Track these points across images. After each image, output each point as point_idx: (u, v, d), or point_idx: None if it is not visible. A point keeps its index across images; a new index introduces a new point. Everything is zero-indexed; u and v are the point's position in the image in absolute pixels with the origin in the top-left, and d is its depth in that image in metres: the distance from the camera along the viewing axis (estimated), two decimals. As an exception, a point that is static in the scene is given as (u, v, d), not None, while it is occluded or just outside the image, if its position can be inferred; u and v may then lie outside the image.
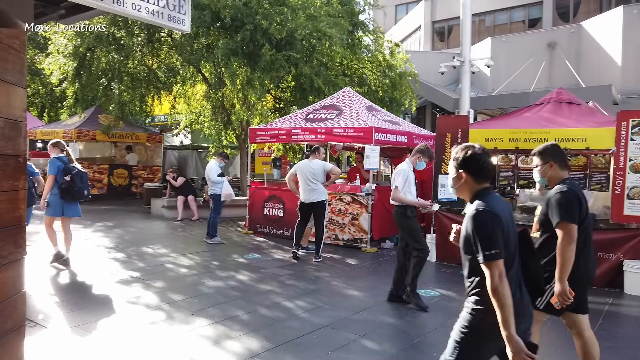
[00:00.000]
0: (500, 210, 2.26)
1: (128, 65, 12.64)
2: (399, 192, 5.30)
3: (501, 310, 2.12)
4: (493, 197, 2.34)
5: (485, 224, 2.20)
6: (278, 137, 9.49)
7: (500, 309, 2.12)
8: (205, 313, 4.83)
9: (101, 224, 10.24)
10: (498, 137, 7.44)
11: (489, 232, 2.18)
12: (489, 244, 2.15)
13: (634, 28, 17.02)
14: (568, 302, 2.99)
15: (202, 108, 13.59)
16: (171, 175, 11.98)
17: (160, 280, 6.05)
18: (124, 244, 8.30)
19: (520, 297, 2.28)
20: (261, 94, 10.76)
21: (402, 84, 13.28)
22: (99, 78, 12.90)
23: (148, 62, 13.17)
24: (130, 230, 9.74)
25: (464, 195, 2.42)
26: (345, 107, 9.21)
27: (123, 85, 12.75)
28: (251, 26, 10.25)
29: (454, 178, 2.41)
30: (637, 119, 6.23)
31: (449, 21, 25.76)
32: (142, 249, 7.93)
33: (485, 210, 2.22)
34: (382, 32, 14.16)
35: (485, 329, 2.23)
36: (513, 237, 2.30)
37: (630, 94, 16.68)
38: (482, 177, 2.36)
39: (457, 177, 2.39)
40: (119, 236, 9.03)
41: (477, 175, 2.35)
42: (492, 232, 2.17)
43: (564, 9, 22.45)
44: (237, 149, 14.09)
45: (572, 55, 18.79)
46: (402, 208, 5.39)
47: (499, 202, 2.33)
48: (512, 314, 2.11)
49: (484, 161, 2.35)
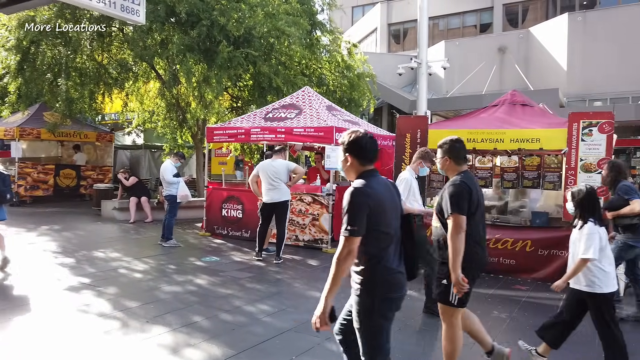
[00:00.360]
0: (378, 190, 2.44)
1: (76, 60, 12.04)
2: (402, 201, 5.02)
3: (332, 279, 2.37)
4: (375, 179, 2.50)
5: (355, 202, 2.36)
6: (236, 137, 9.27)
7: (331, 278, 2.37)
8: (162, 320, 4.60)
9: (47, 228, 9.66)
10: (456, 138, 7.55)
11: (355, 209, 2.34)
12: (352, 220, 2.33)
13: (578, 34, 17.90)
14: (465, 290, 3.12)
15: (155, 106, 13.14)
16: (123, 175, 11.49)
17: (112, 286, 5.73)
18: (73, 248, 7.85)
19: (398, 269, 2.50)
20: (218, 92, 10.49)
21: (360, 85, 13.34)
22: (44, 73, 12.21)
23: (98, 57, 12.59)
24: (79, 234, 9.24)
25: (350, 177, 2.57)
26: (305, 106, 9.11)
27: (71, 81, 12.13)
28: (208, 22, 9.98)
29: (342, 161, 2.58)
30: (587, 120, 6.48)
31: (404, 24, 26.20)
32: (92, 253, 7.52)
33: (359, 189, 2.39)
34: (341, 33, 14.17)
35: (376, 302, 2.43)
36: (392, 217, 2.49)
37: (575, 97, 17.53)
38: (366, 160, 2.52)
39: (344, 160, 2.56)
40: (66, 240, 8.54)
41: (361, 157, 2.52)
42: (358, 209, 2.34)
43: (513, 15, 23.33)
44: (193, 148, 13.72)
45: (521, 60, 19.54)
46: None
47: (379, 184, 2.50)
48: (337, 286, 2.37)
49: (368, 145, 2.52)
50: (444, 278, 3.23)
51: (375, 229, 2.40)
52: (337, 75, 13.24)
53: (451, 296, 3.20)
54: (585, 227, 3.52)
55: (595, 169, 6.40)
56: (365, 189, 2.39)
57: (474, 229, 3.21)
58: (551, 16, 21.07)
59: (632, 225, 5.06)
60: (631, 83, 16.16)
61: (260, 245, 7.45)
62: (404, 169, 7.68)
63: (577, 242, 3.57)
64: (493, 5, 23.39)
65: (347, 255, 2.34)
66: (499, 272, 6.70)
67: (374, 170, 2.54)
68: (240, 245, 8.47)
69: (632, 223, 5.05)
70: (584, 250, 3.44)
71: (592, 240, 3.44)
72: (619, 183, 5.16)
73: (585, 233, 3.48)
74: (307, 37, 12.13)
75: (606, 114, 6.49)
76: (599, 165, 6.40)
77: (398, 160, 7.77)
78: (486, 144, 7.37)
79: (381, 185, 2.51)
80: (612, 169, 5.24)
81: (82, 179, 14.86)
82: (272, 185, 7.26)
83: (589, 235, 3.46)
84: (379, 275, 2.44)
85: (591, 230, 3.48)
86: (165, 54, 10.84)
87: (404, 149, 7.70)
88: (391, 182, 2.71)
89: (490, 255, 6.89)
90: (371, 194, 2.39)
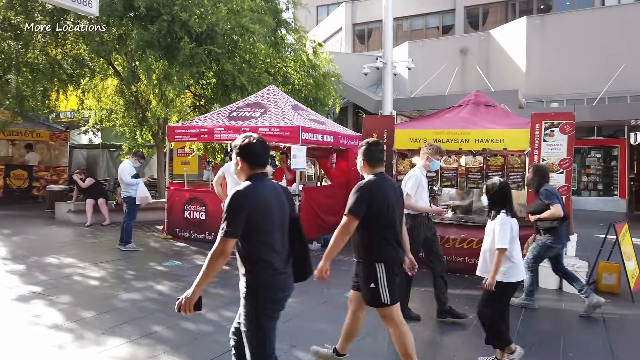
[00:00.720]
0: (263, 194, 2.54)
1: (27, 55, 11.40)
2: (411, 199, 4.76)
3: (204, 274, 2.47)
4: (262, 182, 2.61)
5: (234, 204, 2.46)
6: (199, 136, 8.99)
7: (203, 273, 2.46)
8: (119, 331, 4.34)
9: (-5, 232, 9.12)
10: (422, 138, 7.55)
11: (234, 211, 2.44)
12: (229, 221, 2.43)
13: (536, 37, 18.41)
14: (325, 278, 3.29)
15: (113, 104, 12.64)
16: (79, 176, 11.00)
17: (66, 295, 5.41)
18: (23, 254, 7.40)
19: (284, 270, 2.60)
20: (180, 90, 10.16)
21: (326, 84, 13.25)
22: (-9, 69, 11.52)
23: (51, 52, 11.96)
24: (30, 238, 8.74)
25: (241, 179, 2.67)
26: (270, 105, 8.93)
27: (21, 77, 11.47)
28: (168, 17, 9.64)
29: (234, 164, 2.69)
30: (549, 121, 6.59)
31: (369, 24, 26.32)
32: (44, 259, 7.11)
33: (240, 192, 2.48)
34: (306, 32, 14.04)
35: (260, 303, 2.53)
36: (278, 220, 2.58)
37: (534, 98, 18.03)
38: (256, 164, 2.63)
39: (236, 163, 2.67)
40: (16, 245, 8.06)
41: (250, 162, 2.63)
42: (236, 212, 2.44)
43: (474, 18, 23.81)
44: (153, 147, 13.28)
45: (483, 61, 19.94)
46: (412, 217, 4.87)
47: (266, 187, 2.61)
48: (208, 281, 2.48)
49: (258, 150, 2.63)
50: (371, 282, 3.30)
51: (259, 232, 2.51)
52: (303, 74, 13.11)
53: (383, 296, 3.28)
54: (497, 217, 3.70)
55: (557, 169, 6.52)
56: (248, 192, 2.50)
57: (383, 229, 3.29)
58: (510, 19, 21.61)
59: (552, 228, 5.38)
60: (586, 85, 16.72)
61: (227, 250, 7.22)
62: (370, 169, 7.64)
63: (491, 233, 3.73)
64: (455, 7, 23.79)
65: (219, 255, 2.44)
66: (465, 272, 6.73)
67: (263, 174, 2.66)
68: (204, 249, 8.21)
69: (552, 226, 5.37)
70: (499, 240, 3.61)
71: (505, 230, 3.62)
72: (542, 187, 5.44)
73: (499, 223, 3.67)
74: (272, 36, 11.94)
75: (567, 114, 6.62)
76: (561, 165, 6.52)
77: (365, 160, 7.70)
78: (451, 144, 7.41)
79: (268, 189, 2.62)
80: (537, 173, 5.53)
81: (35, 179, 14.18)
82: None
83: (502, 225, 3.67)
84: (262, 276, 2.54)
85: (503, 221, 3.66)
86: (123, 50, 10.41)
87: (371, 149, 7.63)
88: (281, 186, 2.82)
89: (456, 255, 6.98)
90: (254, 197, 2.49)
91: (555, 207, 5.23)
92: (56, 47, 11.83)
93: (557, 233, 5.37)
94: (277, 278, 2.57)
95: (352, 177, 9.78)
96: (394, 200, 3.37)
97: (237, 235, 2.45)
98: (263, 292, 2.55)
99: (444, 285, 4.96)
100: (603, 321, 5.09)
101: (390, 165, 7.61)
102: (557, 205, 5.25)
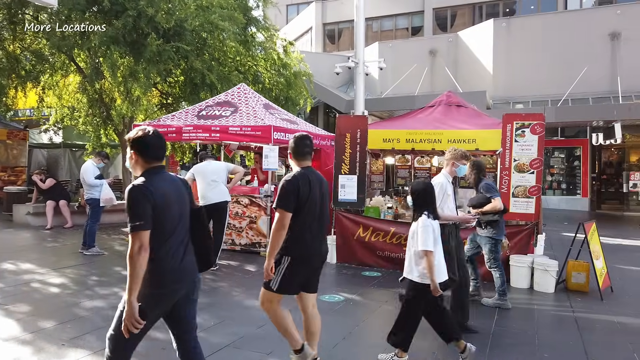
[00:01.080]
0: (160, 187, 2.50)
1: (-18, 49, 10.82)
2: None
3: (131, 278, 2.38)
4: (159, 176, 2.57)
5: (135, 198, 2.41)
6: (167, 135, 8.64)
7: (130, 277, 2.38)
8: (81, 342, 4.09)
9: (-54, 237, 8.59)
10: (395, 138, 7.54)
11: (136, 205, 2.40)
12: (136, 216, 2.38)
13: (502, 40, 18.78)
14: (270, 278, 3.30)
15: (76, 101, 12.14)
16: (38, 177, 10.52)
17: (24, 303, 5.08)
18: (-23, 260, 6.98)
19: (181, 264, 2.57)
20: (147, 88, 9.83)
21: (297, 84, 13.12)
22: (-57, 63, 10.88)
23: (9, 47, 11.38)
24: (-15, 243, 8.28)
25: (137, 173, 2.61)
26: (241, 104, 8.72)
27: (-24, 72, 10.89)
28: (134, 12, 9.29)
29: (128, 157, 2.63)
30: (520, 121, 6.65)
31: (339, 24, 26.32)
32: (0, 265, 6.71)
33: (137, 186, 2.45)
34: (276, 30, 13.87)
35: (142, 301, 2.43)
36: (177, 212, 2.57)
37: (500, 99, 18.39)
38: (150, 157, 2.59)
39: (130, 157, 2.61)
40: (-30, 251, 7.60)
41: (144, 155, 2.59)
42: (139, 205, 2.40)
43: (442, 20, 24.12)
44: (118, 147, 12.83)
45: (451, 63, 20.22)
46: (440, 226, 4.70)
47: (163, 180, 2.58)
48: (138, 284, 2.38)
49: (152, 143, 2.59)
50: (276, 264, 3.37)
51: (158, 226, 2.46)
52: (274, 73, 12.93)
53: (272, 282, 3.35)
54: (419, 219, 3.68)
55: (528, 169, 6.59)
56: (144, 186, 2.46)
57: (303, 225, 3.32)
58: (477, 22, 21.99)
59: (494, 222, 5.47)
60: (551, 87, 17.16)
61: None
62: (344, 169, 7.56)
63: (415, 235, 3.71)
64: (424, 9, 24.04)
65: (139, 250, 2.37)
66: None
67: (159, 167, 2.63)
68: (172, 252, 7.95)
69: (494, 219, 5.46)
70: (422, 243, 3.59)
71: (427, 232, 3.60)
72: (481, 181, 5.54)
73: (421, 226, 3.64)
74: (242, 33, 11.73)
75: (538, 115, 6.69)
76: (532, 165, 6.59)
77: (338, 160, 7.62)
78: (424, 145, 7.41)
79: (166, 182, 2.60)
80: (474, 168, 5.60)
81: (-9, 180, 13.50)
82: (210, 186, 6.84)
83: (424, 227, 3.61)
84: (155, 269, 2.49)
85: (425, 223, 3.63)
86: (86, 45, 9.98)
87: (344, 149, 7.55)
88: (180, 179, 2.82)
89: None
90: (151, 191, 2.45)
91: (496, 200, 5.34)
92: (14, 41, 11.28)
93: (497, 226, 5.48)
94: (171, 271, 2.54)
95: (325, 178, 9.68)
96: (318, 196, 3.39)
97: (148, 227, 2.40)
98: (155, 284, 2.50)
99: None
100: (575, 320, 5.15)
101: (364, 165, 7.54)
102: (498, 199, 5.36)
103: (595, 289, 6.07)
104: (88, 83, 10.90)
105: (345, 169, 7.55)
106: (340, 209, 7.54)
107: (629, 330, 4.90)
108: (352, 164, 7.53)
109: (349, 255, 7.40)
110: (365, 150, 7.57)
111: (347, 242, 7.42)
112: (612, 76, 16.68)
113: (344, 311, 5.26)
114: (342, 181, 7.51)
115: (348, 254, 7.42)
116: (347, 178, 7.52)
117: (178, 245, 2.58)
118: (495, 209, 5.33)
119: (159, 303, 2.57)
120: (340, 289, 6.08)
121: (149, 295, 2.47)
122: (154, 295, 2.51)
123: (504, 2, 22.81)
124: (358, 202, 7.50)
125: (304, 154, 3.48)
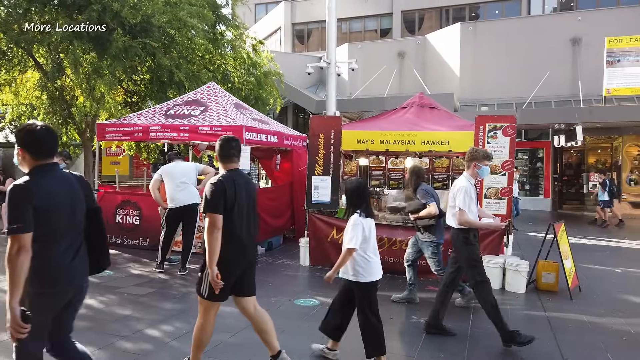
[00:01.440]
0: (47, 186, 2.42)
1: None
2: (465, 214, 4.39)
3: (10, 282, 2.28)
4: (48, 174, 2.48)
5: (14, 198, 2.32)
6: (133, 135, 8.37)
7: (9, 281, 2.28)
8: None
9: None
10: (369, 139, 7.49)
11: (15, 207, 2.31)
12: (13, 218, 2.29)
13: (469, 43, 19.11)
14: (220, 286, 3.20)
15: (35, 99, 11.58)
16: (-6, 178, 9.96)
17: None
18: None
19: (71, 263, 2.51)
20: (112, 85, 9.45)
21: (267, 83, 12.95)
22: None
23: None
24: None
25: (26, 171, 2.52)
26: (211, 103, 8.50)
27: None
28: (99, 7, 8.91)
29: (16, 154, 2.53)
30: (492, 123, 6.71)
31: (308, 24, 26.23)
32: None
33: (18, 186, 2.34)
34: (246, 28, 13.64)
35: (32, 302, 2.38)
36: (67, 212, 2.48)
37: (467, 102, 18.71)
38: (39, 154, 2.48)
39: (17, 154, 2.51)
40: None
41: (33, 152, 2.48)
42: (17, 207, 2.31)
43: (411, 22, 24.39)
44: (80, 147, 12.32)
45: (419, 65, 20.44)
46: (464, 232, 4.48)
47: (52, 178, 2.48)
48: (19, 288, 2.27)
49: (40, 138, 2.47)
50: (201, 270, 3.35)
51: (39, 226, 2.36)
52: (243, 72, 12.71)
53: (202, 289, 3.30)
54: (351, 218, 3.70)
55: (500, 171, 6.65)
56: (25, 187, 2.36)
57: (227, 228, 3.26)
58: (444, 25, 22.33)
59: (430, 226, 5.60)
60: (515, 90, 17.57)
61: (163, 256, 6.75)
62: (317, 170, 7.46)
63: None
64: (392, 11, 24.25)
65: (18, 252, 2.28)
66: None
67: (49, 164, 2.51)
68: (138, 256, 7.65)
69: (430, 224, 5.59)
70: (348, 241, 3.61)
71: (356, 231, 3.59)
72: (419, 187, 5.67)
73: (351, 224, 3.66)
74: (211, 31, 11.47)
75: (509, 117, 6.77)
76: (503, 167, 6.67)
77: (311, 161, 7.51)
78: (398, 146, 7.39)
79: (55, 179, 2.50)
80: (413, 174, 5.78)
81: (-59, 182, 12.69)
82: (179, 187, 6.60)
83: (353, 226, 3.62)
84: (42, 269, 2.43)
85: (355, 222, 3.63)
86: (47, 41, 9.52)
87: (318, 149, 7.46)
88: (75, 176, 2.69)
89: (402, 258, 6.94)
90: (34, 191, 2.36)
91: (432, 205, 5.45)
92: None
93: (435, 230, 5.59)
94: (55, 272, 2.47)
95: (296, 179, 9.56)
96: (245, 197, 3.38)
97: (28, 229, 2.30)
98: (37, 285, 2.42)
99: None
100: (547, 320, 5.21)
101: (337, 167, 7.47)
102: (433, 204, 5.48)
103: (565, 288, 6.18)
104: (48, 80, 10.41)
105: (319, 170, 7.45)
106: (314, 211, 7.44)
107: (599, 329, 4.99)
108: (326, 165, 7.44)
109: (323, 257, 7.30)
110: (339, 151, 7.50)
111: (321, 244, 7.32)
112: (574, 80, 17.22)
113: (320, 316, 5.14)
114: (316, 182, 7.42)
115: (321, 256, 7.32)
116: (320, 179, 7.42)
117: (68, 245, 2.52)
118: (430, 214, 5.45)
119: (49, 303, 2.49)
120: (314, 293, 5.97)
121: (38, 295, 2.41)
122: (42, 294, 2.44)
123: (469, 6, 23.26)
124: (332, 204, 7.41)
125: (230, 156, 3.44)
